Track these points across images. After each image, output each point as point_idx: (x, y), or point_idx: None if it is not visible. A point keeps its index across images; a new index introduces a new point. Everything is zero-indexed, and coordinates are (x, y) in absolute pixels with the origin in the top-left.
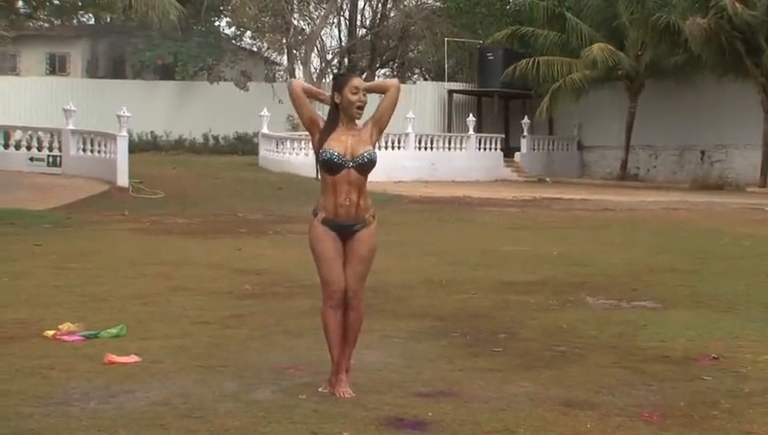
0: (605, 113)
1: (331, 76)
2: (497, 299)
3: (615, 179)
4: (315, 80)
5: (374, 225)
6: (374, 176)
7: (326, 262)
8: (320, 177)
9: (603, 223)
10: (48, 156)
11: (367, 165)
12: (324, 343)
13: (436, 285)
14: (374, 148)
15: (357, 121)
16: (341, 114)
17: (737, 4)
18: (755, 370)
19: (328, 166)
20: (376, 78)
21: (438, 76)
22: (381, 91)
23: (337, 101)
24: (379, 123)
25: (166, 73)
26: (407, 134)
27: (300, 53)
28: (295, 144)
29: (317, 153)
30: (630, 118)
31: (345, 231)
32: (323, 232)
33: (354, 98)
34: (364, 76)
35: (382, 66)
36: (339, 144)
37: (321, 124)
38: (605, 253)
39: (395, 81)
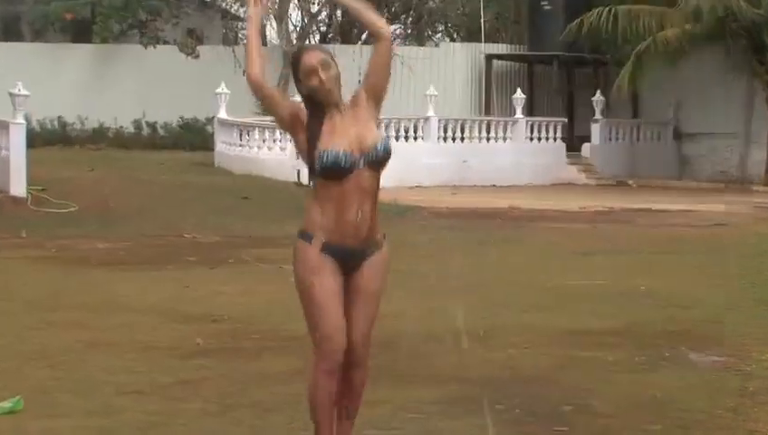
0: (715, 87)
1: (318, 38)
2: (559, 356)
3: (731, 181)
4: (295, 42)
5: (386, 246)
6: (383, 179)
7: (323, 307)
8: (312, 184)
9: (714, 246)
10: None
11: (383, 158)
12: (310, 420)
13: (471, 336)
14: (377, 122)
15: (343, 101)
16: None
17: None
18: None
19: (334, 171)
20: None
21: (472, 35)
22: (361, 21)
23: (300, 92)
24: (374, 92)
25: (79, 33)
26: (427, 119)
27: (273, 4)
28: (267, 134)
29: (310, 159)
30: (751, 92)
31: (353, 260)
32: (321, 262)
33: (312, 83)
34: (365, 36)
35: (391, 21)
36: (339, 137)
37: (304, 115)
38: (715, 289)
39: (384, 25)
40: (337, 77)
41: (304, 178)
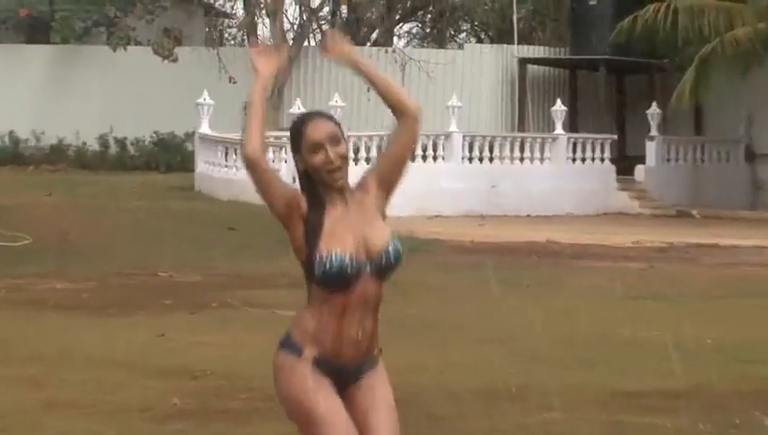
0: None
1: (319, 38)
2: (606, 422)
3: None
4: (292, 43)
5: (382, 363)
6: (395, 207)
7: (333, 423)
8: (306, 286)
9: None
10: None
11: (393, 266)
12: None
13: (502, 396)
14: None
15: (349, 187)
16: (320, 187)
17: None
18: None
19: (337, 281)
20: (395, 39)
21: (503, 35)
22: (386, 98)
23: (300, 168)
24: (387, 180)
25: (36, 32)
26: (448, 135)
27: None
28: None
29: (309, 261)
30: None
31: (346, 376)
32: (316, 381)
33: (318, 160)
34: (375, 36)
35: (404, 19)
36: (344, 236)
37: (304, 204)
38: None
39: (413, 103)
40: (346, 155)
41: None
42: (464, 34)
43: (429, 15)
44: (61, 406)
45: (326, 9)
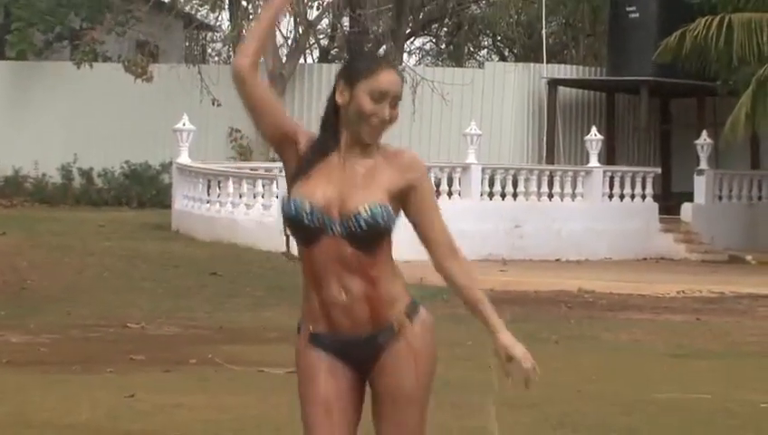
0: None
1: (317, 55)
2: None
3: None
4: (285, 60)
5: (421, 325)
6: (402, 250)
7: (313, 417)
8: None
9: None
10: None
11: (363, 232)
12: None
13: None
14: (395, 205)
15: (375, 146)
16: (343, 129)
17: None
18: None
19: (295, 227)
20: (405, 56)
21: (530, 52)
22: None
23: (339, 100)
24: (409, 205)
25: None
26: (466, 167)
27: (254, 8)
28: (245, 187)
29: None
30: None
31: (357, 352)
32: (312, 361)
33: (370, 107)
34: (381, 51)
35: (416, 34)
36: (317, 186)
37: (303, 142)
38: None
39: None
40: (393, 122)
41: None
42: (485, 51)
43: (445, 29)
44: None
45: (325, 22)
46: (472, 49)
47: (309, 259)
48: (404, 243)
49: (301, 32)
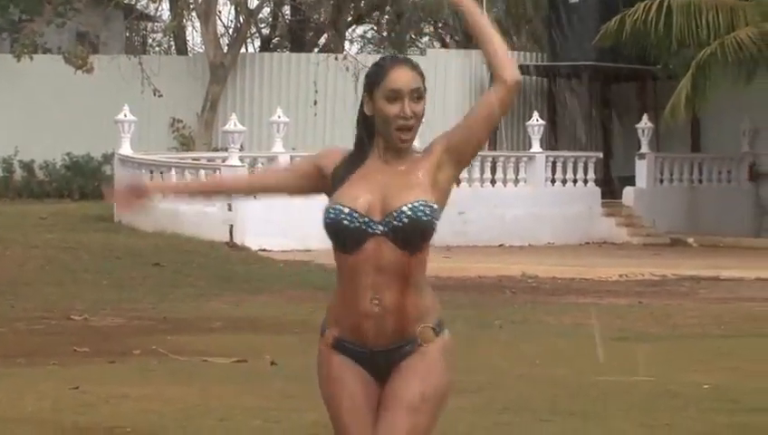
0: None
1: (258, 45)
2: None
3: None
4: (226, 50)
5: (442, 343)
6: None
7: (345, 425)
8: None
9: None
10: None
11: (410, 229)
12: None
13: None
14: (439, 196)
15: (410, 150)
16: (378, 137)
17: None
18: None
19: (336, 235)
20: (347, 44)
21: (470, 39)
22: (485, 54)
23: (367, 112)
24: (460, 150)
25: None
26: None
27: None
28: (188, 177)
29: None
30: None
31: (380, 360)
32: (338, 366)
33: (392, 110)
34: (323, 40)
35: (358, 21)
36: (357, 192)
37: (329, 161)
38: None
39: (513, 71)
40: (422, 116)
41: (241, 238)
42: (426, 38)
43: (387, 17)
44: None
45: (266, 11)
46: (414, 36)
47: (347, 266)
48: None
49: (242, 21)
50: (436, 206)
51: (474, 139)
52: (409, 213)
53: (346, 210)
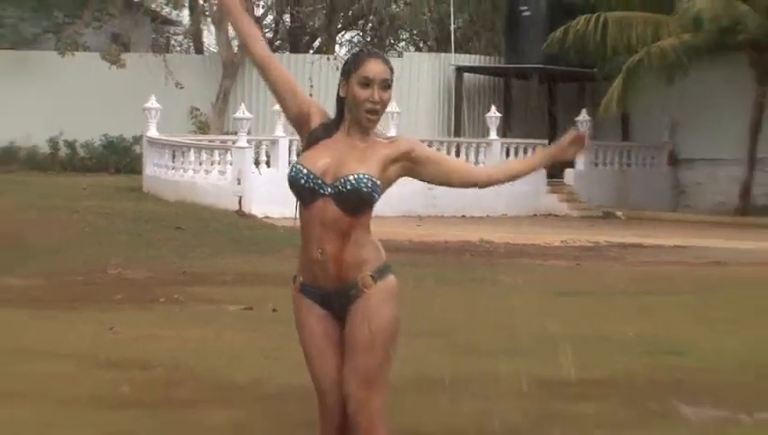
0: (715, 106)
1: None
2: (533, 409)
3: (731, 214)
4: (236, 51)
5: (383, 286)
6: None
7: (311, 359)
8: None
9: (710, 286)
10: None
11: (350, 195)
12: None
13: (436, 386)
14: (384, 181)
15: (375, 132)
16: (347, 116)
17: None
18: None
19: (294, 190)
20: (337, 47)
21: (440, 44)
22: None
23: (341, 93)
24: (417, 163)
25: None
26: None
27: (210, 7)
28: (204, 156)
29: None
30: (758, 112)
31: (332, 302)
32: (305, 307)
33: (363, 94)
34: (317, 43)
35: (347, 28)
36: (319, 157)
37: (316, 121)
38: (712, 334)
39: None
40: (387, 103)
41: (248, 207)
42: (403, 43)
43: (370, 24)
44: (11, 397)
45: (270, 18)
46: (392, 41)
47: (303, 219)
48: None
49: None
50: (378, 182)
51: (434, 173)
52: (354, 182)
53: (305, 171)
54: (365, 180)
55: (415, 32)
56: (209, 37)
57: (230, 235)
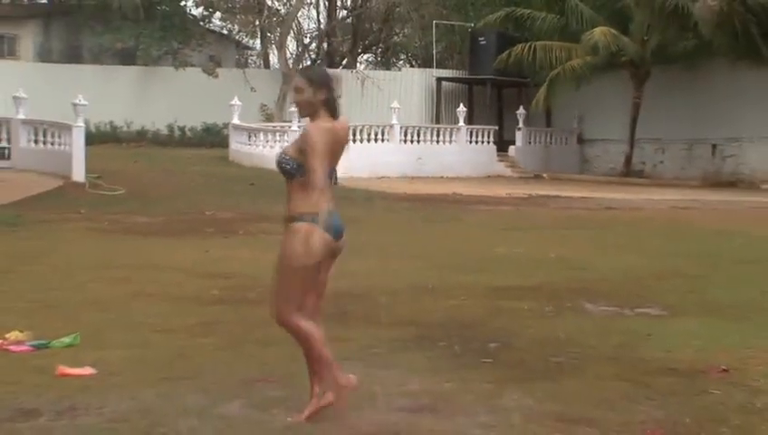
0: (608, 104)
1: (309, 62)
2: (488, 306)
3: (618, 176)
4: (291, 66)
5: (293, 227)
6: (357, 171)
7: None
8: None
9: (605, 223)
10: None
11: (279, 168)
12: (302, 354)
13: (422, 291)
14: (298, 155)
15: (317, 122)
16: None
17: None
18: None
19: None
20: (358, 64)
21: (426, 62)
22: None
23: None
24: (305, 154)
25: (126, 58)
26: (391, 126)
27: (274, 37)
28: (269, 136)
29: None
30: (635, 109)
31: None
32: None
33: (291, 96)
34: (345, 62)
35: (364, 51)
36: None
37: None
38: (607, 256)
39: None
40: (305, 101)
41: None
42: (401, 62)
43: (380, 49)
44: (141, 295)
45: (313, 45)
46: (395, 61)
47: None
48: (357, 167)
49: (300, 50)
50: (296, 158)
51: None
52: (278, 159)
53: (280, 151)
54: (285, 159)
55: (409, 54)
56: (273, 57)
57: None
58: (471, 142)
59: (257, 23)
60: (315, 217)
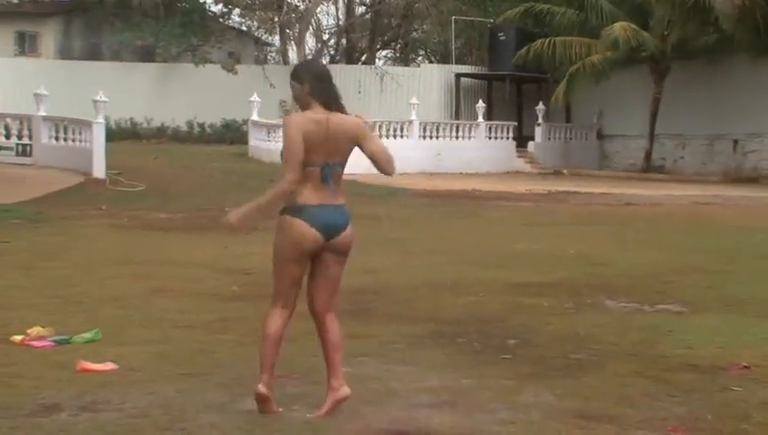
0: (628, 99)
1: (328, 59)
2: (508, 302)
3: (638, 172)
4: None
5: (277, 219)
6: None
7: None
8: None
9: (625, 219)
10: (17, 144)
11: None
12: (319, 349)
13: (442, 287)
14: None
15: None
16: None
17: None
18: None
19: None
20: (376, 60)
21: (445, 58)
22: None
23: None
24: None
25: (146, 55)
26: (410, 122)
27: (293, 33)
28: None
29: None
30: (655, 104)
31: None
32: None
33: None
34: (364, 58)
35: (383, 47)
36: None
37: None
38: (627, 252)
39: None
40: (296, 96)
41: None
42: (420, 58)
43: (399, 45)
44: (162, 291)
45: (332, 41)
46: (413, 57)
47: None
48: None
49: (320, 46)
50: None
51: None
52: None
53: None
54: (281, 152)
55: (428, 50)
56: (292, 53)
57: None
58: (490, 138)
59: (276, 19)
60: (296, 209)
